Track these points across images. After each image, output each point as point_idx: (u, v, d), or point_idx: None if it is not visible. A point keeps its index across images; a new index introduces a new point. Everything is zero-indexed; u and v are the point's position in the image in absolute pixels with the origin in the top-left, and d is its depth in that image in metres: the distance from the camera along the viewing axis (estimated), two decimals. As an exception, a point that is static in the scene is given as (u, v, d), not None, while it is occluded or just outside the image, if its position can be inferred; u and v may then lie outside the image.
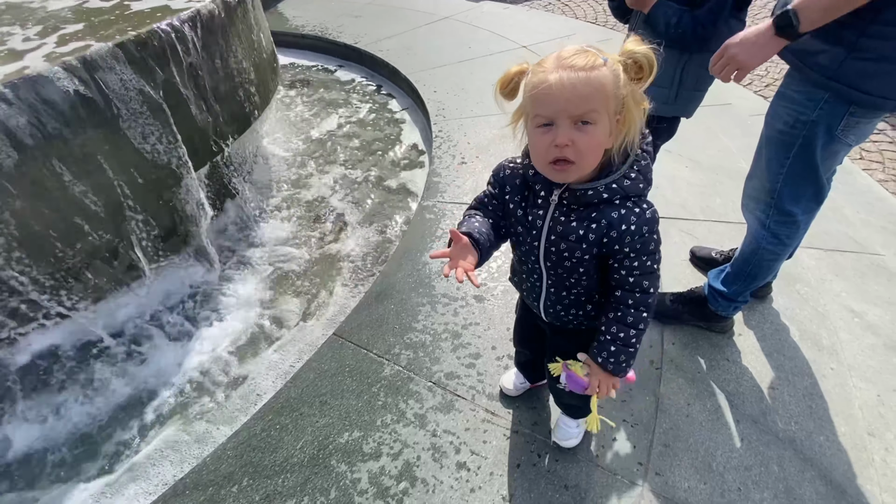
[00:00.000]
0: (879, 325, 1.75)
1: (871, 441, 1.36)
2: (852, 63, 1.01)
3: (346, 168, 2.88)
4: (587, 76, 0.70)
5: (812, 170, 1.21)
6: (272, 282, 2.17)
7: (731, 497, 1.22)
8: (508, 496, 1.24)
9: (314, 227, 2.46)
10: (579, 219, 0.82)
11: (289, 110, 3.50)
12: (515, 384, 1.43)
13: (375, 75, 3.94)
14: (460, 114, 2.96)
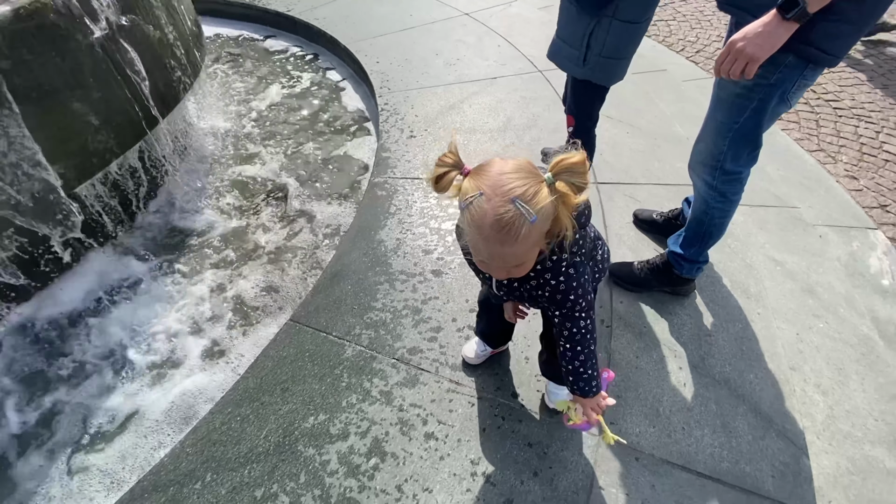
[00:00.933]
0: (796, 272, 1.94)
1: (792, 374, 1.53)
2: (823, 25, 1.04)
3: (287, 145, 2.75)
4: (515, 250, 0.78)
5: (757, 131, 1.28)
6: (216, 269, 2.06)
7: (677, 437, 1.34)
8: (476, 459, 1.29)
9: (258, 209, 2.35)
10: (520, 282, 0.96)
11: (219, 85, 3.26)
12: (477, 353, 1.47)
13: (311, 45, 3.72)
14: (405, 85, 2.88)
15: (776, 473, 1.27)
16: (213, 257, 2.11)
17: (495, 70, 2.97)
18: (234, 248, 2.16)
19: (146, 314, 1.88)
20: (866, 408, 1.52)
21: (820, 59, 1.12)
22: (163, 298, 1.94)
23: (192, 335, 1.83)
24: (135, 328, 1.84)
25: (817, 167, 2.67)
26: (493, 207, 0.74)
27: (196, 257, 2.11)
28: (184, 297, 1.95)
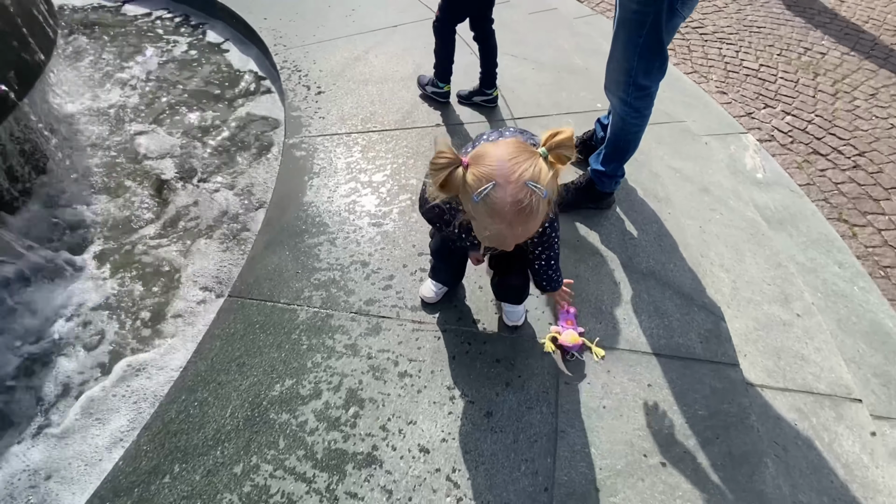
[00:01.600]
0: (692, 175, 2.20)
1: (702, 260, 1.76)
2: None
3: (179, 115, 2.46)
4: (534, 224, 0.85)
5: (660, 43, 1.39)
6: (128, 258, 1.84)
7: (620, 327, 1.49)
8: (452, 384, 1.34)
9: (161, 188, 2.10)
10: None
11: (83, 59, 2.78)
12: (435, 291, 1.50)
13: (179, 6, 3.29)
14: (302, 41, 2.68)
15: (703, 339, 1.48)
16: (118, 245, 1.88)
17: (395, 18, 2.88)
18: (140, 233, 1.93)
19: (56, 310, 1.64)
20: (760, 276, 1.81)
21: None
22: (71, 294, 1.70)
23: (122, 328, 1.63)
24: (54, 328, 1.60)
25: (694, 86, 3.00)
26: (509, 194, 0.79)
27: (99, 247, 1.86)
28: (97, 291, 1.73)
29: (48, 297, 1.69)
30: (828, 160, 2.59)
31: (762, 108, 2.91)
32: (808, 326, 1.69)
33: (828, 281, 1.95)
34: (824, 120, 2.83)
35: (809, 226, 2.17)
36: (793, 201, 2.28)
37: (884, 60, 3.29)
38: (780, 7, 3.80)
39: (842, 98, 2.98)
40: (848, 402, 1.49)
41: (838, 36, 3.50)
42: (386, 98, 2.30)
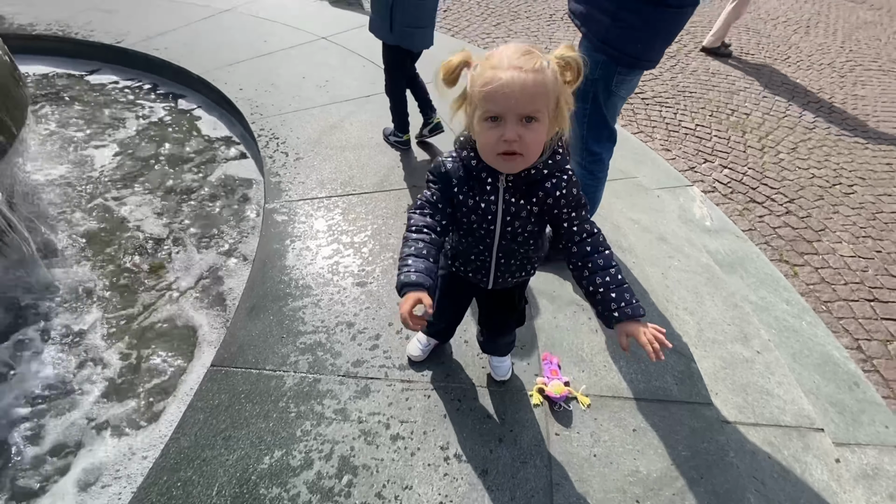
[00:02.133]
0: (649, 226, 2.40)
1: (667, 304, 1.89)
2: (614, 31, 1.35)
3: (155, 183, 2.46)
4: (535, 78, 0.78)
5: (602, 117, 1.58)
6: (108, 332, 1.77)
7: (602, 374, 1.57)
8: (445, 444, 1.34)
9: (139, 257, 2.07)
10: (526, 196, 0.94)
11: (53, 131, 2.77)
12: (422, 349, 1.53)
13: (152, 78, 3.38)
14: (278, 110, 2.80)
15: (678, 381, 1.57)
16: (90, 317, 1.80)
17: (367, 88, 3.07)
18: (114, 304, 1.87)
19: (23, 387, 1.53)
20: (720, 317, 1.96)
21: (622, 60, 1.43)
22: (38, 369, 1.60)
23: (96, 405, 1.54)
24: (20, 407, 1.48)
25: (642, 145, 3.32)
26: (513, 47, 0.81)
27: (69, 320, 1.78)
28: (66, 366, 1.63)
29: (16, 375, 1.59)
30: (764, 207, 2.89)
31: (702, 162, 3.24)
32: (768, 362, 1.82)
33: (779, 318, 2.12)
34: (756, 172, 3.18)
35: (756, 267, 2.38)
36: (739, 246, 2.51)
37: (798, 118, 3.77)
38: (707, 74, 4.33)
39: (768, 152, 3.37)
40: (812, 432, 1.59)
41: (757, 99, 4.00)
42: (363, 163, 2.41)
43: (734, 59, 4.63)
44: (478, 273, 1.12)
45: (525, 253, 1.06)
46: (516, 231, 0.98)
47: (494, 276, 1.11)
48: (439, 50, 2.16)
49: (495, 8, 5.39)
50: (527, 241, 1.02)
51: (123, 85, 3.31)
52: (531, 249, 1.06)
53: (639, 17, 1.33)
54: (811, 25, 5.58)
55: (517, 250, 1.04)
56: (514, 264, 1.08)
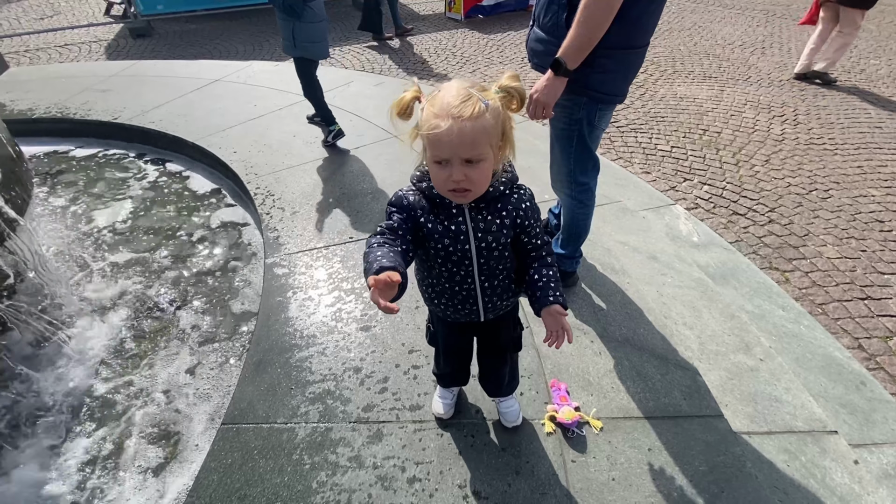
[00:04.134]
0: (639, 246, 2.47)
1: (666, 321, 1.93)
2: (595, 76, 1.49)
3: (156, 250, 2.52)
4: (472, 126, 0.83)
5: (588, 150, 1.70)
6: (116, 398, 1.77)
7: (611, 396, 1.58)
8: (463, 482, 1.33)
9: (143, 321, 2.09)
10: (492, 212, 0.99)
11: (55, 206, 2.85)
12: (446, 404, 1.49)
13: (150, 150, 3.52)
14: (272, 168, 2.91)
15: (686, 396, 1.58)
16: (98, 382, 1.80)
17: (355, 141, 3.21)
18: (120, 366, 1.87)
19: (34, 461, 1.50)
20: (719, 329, 1.99)
21: (602, 98, 1.59)
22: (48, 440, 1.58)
23: (108, 474, 1.52)
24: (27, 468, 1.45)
25: (622, 170, 3.45)
26: (454, 90, 0.86)
27: (78, 384, 1.77)
28: (77, 435, 1.61)
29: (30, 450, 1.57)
30: (747, 218, 2.98)
31: (682, 181, 3.36)
32: (773, 369, 1.84)
33: (777, 324, 2.15)
34: (735, 185, 3.30)
35: (748, 277, 2.43)
36: (728, 257, 2.58)
37: (766, 132, 3.96)
38: (675, 99, 4.57)
39: (743, 166, 3.52)
40: (826, 435, 1.60)
41: (725, 118, 4.21)
42: (358, 210, 2.49)
43: (697, 84, 4.90)
44: (465, 305, 1.11)
45: (504, 269, 1.08)
46: (491, 246, 1.01)
47: (484, 304, 1.11)
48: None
49: (470, 56, 5.72)
50: (503, 256, 1.04)
51: (121, 157, 3.44)
52: (509, 265, 1.08)
53: (615, 61, 1.48)
54: (766, 46, 5.95)
55: (496, 267, 1.06)
56: (499, 286, 1.10)
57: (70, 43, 6.53)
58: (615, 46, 1.44)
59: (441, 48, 6.02)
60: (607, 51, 1.44)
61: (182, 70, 4.53)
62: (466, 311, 1.14)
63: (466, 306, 1.12)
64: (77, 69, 4.81)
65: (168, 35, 6.78)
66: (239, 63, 4.78)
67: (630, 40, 1.47)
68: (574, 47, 1.39)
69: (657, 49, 5.82)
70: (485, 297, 1.11)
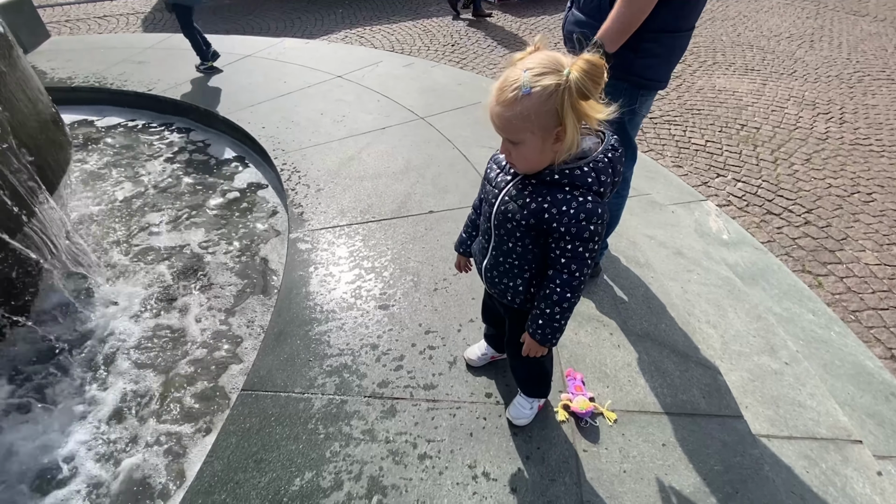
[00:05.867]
0: (665, 241, 2.41)
1: (689, 318, 1.88)
2: (638, 62, 1.44)
3: (185, 218, 2.59)
4: (507, 111, 0.84)
5: (628, 138, 1.65)
6: (143, 360, 1.84)
7: (627, 389, 1.56)
8: (473, 462, 1.34)
9: (172, 286, 2.16)
10: (531, 192, 0.95)
11: (90, 170, 2.95)
12: (479, 356, 1.57)
13: (182, 121, 3.59)
14: (299, 145, 2.94)
15: (705, 394, 1.55)
16: (130, 349, 1.88)
17: (382, 122, 3.20)
18: (153, 332, 1.94)
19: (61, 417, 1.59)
20: (744, 329, 1.94)
21: (645, 84, 1.53)
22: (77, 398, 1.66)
23: (132, 431, 1.59)
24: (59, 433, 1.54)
25: (653, 163, 3.35)
26: (509, 71, 0.85)
27: (107, 348, 1.85)
28: (103, 394, 1.70)
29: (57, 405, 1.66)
30: (781, 218, 2.87)
31: (715, 177, 3.25)
32: (798, 373, 1.79)
33: (806, 329, 2.08)
34: (771, 184, 3.17)
35: (778, 279, 2.35)
36: (759, 258, 2.49)
37: (809, 130, 3.78)
38: (713, 92, 4.39)
39: (781, 164, 3.37)
40: (850, 444, 1.54)
41: (766, 113, 4.03)
42: (381, 191, 2.50)
43: (738, 76, 4.69)
44: (479, 256, 1.17)
45: (516, 257, 1.04)
46: (507, 216, 0.99)
47: (485, 267, 1.13)
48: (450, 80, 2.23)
49: (502, 39, 5.61)
50: (513, 232, 1.00)
51: (160, 130, 3.52)
52: (518, 247, 1.02)
53: (660, 45, 1.43)
54: (815, 39, 5.65)
55: (508, 243, 1.03)
56: (503, 262, 1.07)
57: (109, 14, 6.68)
58: (661, 29, 1.38)
59: (472, 31, 5.92)
60: (653, 34, 1.38)
61: (215, 44, 4.57)
62: (477, 262, 1.19)
63: (479, 257, 1.17)
64: (115, 40, 4.93)
65: (202, 10, 6.85)
66: (270, 39, 4.81)
67: (677, 22, 1.40)
68: (614, 30, 1.33)
69: (697, 38, 5.59)
70: (489, 262, 1.11)
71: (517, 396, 1.45)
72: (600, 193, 0.94)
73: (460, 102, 3.44)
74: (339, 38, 5.77)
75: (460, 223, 2.27)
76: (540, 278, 1.07)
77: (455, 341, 1.70)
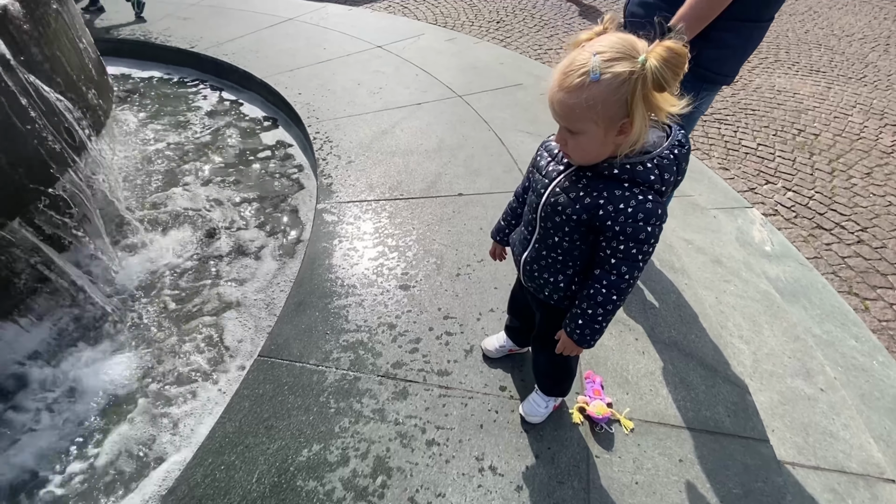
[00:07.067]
0: (704, 247, 2.29)
1: (721, 331, 1.79)
2: (708, 52, 1.32)
3: (217, 179, 2.61)
4: (569, 98, 0.76)
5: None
6: (168, 317, 1.88)
7: (648, 398, 1.50)
8: (481, 455, 1.32)
9: (199, 246, 2.19)
10: (586, 185, 0.88)
11: (127, 125, 3.00)
12: (497, 347, 1.53)
13: (221, 82, 3.60)
14: (333, 114, 2.90)
15: (730, 413, 1.47)
16: (157, 304, 1.92)
17: (418, 97, 3.13)
18: (179, 291, 1.98)
19: (93, 371, 1.65)
20: (779, 349, 1.83)
21: (710, 78, 1.40)
22: (98, 348, 1.72)
23: (151, 386, 1.64)
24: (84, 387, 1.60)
25: (698, 163, 3.18)
26: (576, 54, 0.76)
27: (138, 305, 1.90)
28: (126, 347, 1.75)
29: (75, 352, 1.72)
30: (832, 234, 2.69)
31: (764, 183, 3.06)
32: (833, 402, 1.68)
33: (846, 355, 1.96)
34: (824, 196, 2.97)
35: (822, 299, 2.21)
36: (803, 274, 2.34)
37: (874, 142, 3.50)
38: (772, 92, 4.11)
39: (838, 176, 3.14)
40: (881, 482, 1.45)
41: (827, 119, 3.75)
42: (412, 169, 2.45)
43: (801, 77, 4.37)
44: (519, 247, 1.10)
45: (562, 253, 0.97)
46: (556, 209, 0.92)
47: (525, 260, 1.06)
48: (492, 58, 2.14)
49: (549, 20, 5.37)
50: (561, 227, 0.93)
51: (199, 89, 3.54)
52: (564, 242, 0.95)
53: (736, 35, 1.30)
54: (891, 43, 5.20)
55: (553, 238, 0.97)
56: (546, 256, 1.01)
57: (159, -32, 6.70)
58: (740, 17, 1.26)
59: (520, 7, 5.69)
60: (730, 22, 1.26)
61: (259, 5, 4.55)
62: (516, 253, 1.12)
63: (519, 248, 1.10)
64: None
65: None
66: (314, 3, 4.74)
67: (759, 11, 1.28)
68: (693, 16, 1.21)
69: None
70: (530, 255, 1.05)
71: (533, 393, 1.41)
72: (661, 192, 0.85)
73: (500, 83, 3.33)
74: (383, 6, 5.64)
75: (489, 208, 2.21)
76: (583, 276, 1.01)
77: (474, 329, 1.66)
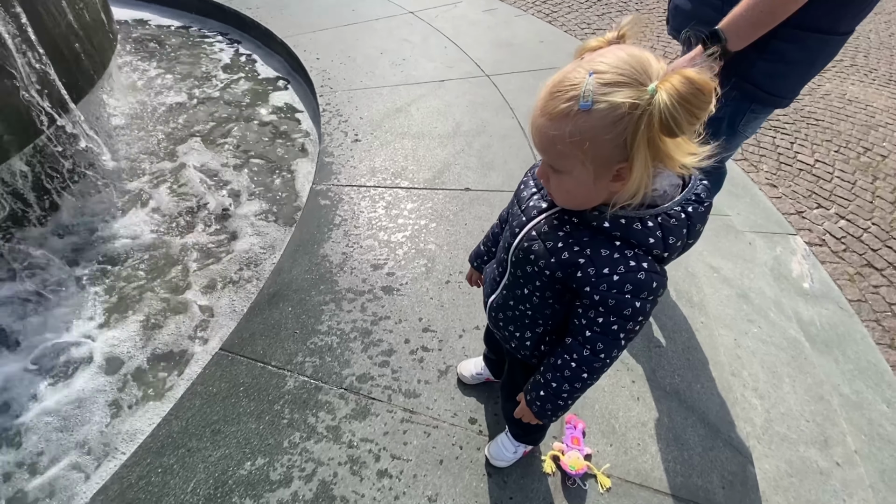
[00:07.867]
0: (731, 278, 2.04)
1: (733, 381, 1.59)
2: (762, 64, 1.08)
3: (217, 145, 2.50)
4: (553, 130, 0.58)
5: (720, 160, 1.30)
6: (131, 288, 1.82)
7: (633, 453, 1.34)
8: (434, 495, 1.20)
9: (182, 218, 2.10)
10: (568, 234, 0.70)
11: (136, 76, 2.91)
12: (473, 374, 1.40)
13: (241, 36, 3.45)
14: (349, 85, 2.72)
15: (726, 484, 1.30)
16: (127, 274, 1.86)
17: (442, 73, 2.89)
18: (152, 264, 1.91)
19: (47, 340, 1.61)
20: (798, 409, 1.62)
21: (761, 98, 1.15)
22: (68, 324, 1.67)
23: (103, 369, 1.59)
24: (34, 361, 1.57)
25: (743, 175, 2.86)
26: (570, 68, 0.58)
27: (108, 274, 1.84)
28: (84, 323, 1.69)
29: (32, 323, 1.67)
30: (883, 275, 2.38)
31: (815, 207, 2.73)
32: (848, 479, 1.48)
33: (874, 421, 1.72)
34: (881, 230, 2.62)
35: (858, 352, 1.95)
36: (841, 320, 2.08)
37: (954, 172, 3.07)
38: (842, 101, 3.65)
39: (904, 208, 2.77)
40: (893, 589, 1.27)
41: (903, 140, 3.31)
42: (420, 155, 2.27)
43: (877, 86, 3.87)
44: (488, 287, 0.94)
45: (528, 297, 0.80)
46: (529, 254, 0.74)
47: (492, 304, 0.91)
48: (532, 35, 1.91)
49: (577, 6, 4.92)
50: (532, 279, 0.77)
51: (218, 43, 3.40)
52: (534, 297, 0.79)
53: (799, 48, 1.05)
54: None
55: (523, 285, 0.80)
56: (513, 307, 0.85)
57: None
58: (808, 27, 1.00)
59: (572, -20, 5.22)
60: (794, 31, 1.01)
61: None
62: (485, 292, 0.96)
63: (488, 288, 0.95)
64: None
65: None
66: (350, -42, 4.45)
67: (835, 23, 1.02)
68: (748, 20, 0.97)
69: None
70: (496, 301, 0.89)
71: (503, 434, 1.27)
72: (661, 259, 0.67)
73: (535, 64, 3.04)
74: (425, -33, 5.28)
75: (496, 208, 2.02)
76: (555, 336, 0.84)
77: (453, 348, 1.52)
